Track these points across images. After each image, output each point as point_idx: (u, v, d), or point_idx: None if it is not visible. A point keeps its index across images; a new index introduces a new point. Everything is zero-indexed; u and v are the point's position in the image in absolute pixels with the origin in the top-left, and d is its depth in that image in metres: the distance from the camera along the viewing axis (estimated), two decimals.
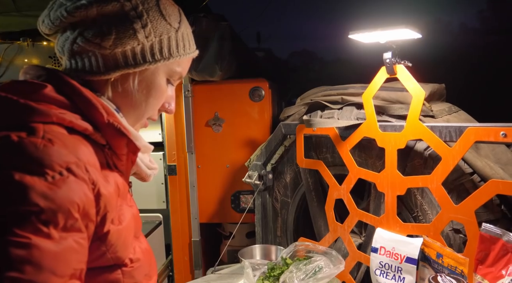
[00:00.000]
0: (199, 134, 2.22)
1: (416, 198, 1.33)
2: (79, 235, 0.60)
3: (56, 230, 0.56)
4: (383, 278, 1.28)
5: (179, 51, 0.76)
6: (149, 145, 0.85)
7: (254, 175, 1.85)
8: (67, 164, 0.59)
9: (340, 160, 1.58)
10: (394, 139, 1.28)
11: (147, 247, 0.82)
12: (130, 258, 0.72)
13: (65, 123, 0.64)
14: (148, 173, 0.84)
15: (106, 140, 0.70)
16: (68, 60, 0.72)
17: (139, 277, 0.75)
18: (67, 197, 0.58)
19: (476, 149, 1.31)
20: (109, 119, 0.68)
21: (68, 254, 0.58)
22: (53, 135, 0.61)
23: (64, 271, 0.57)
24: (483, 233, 1.08)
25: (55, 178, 0.57)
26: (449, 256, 1.14)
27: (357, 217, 1.43)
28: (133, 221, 0.76)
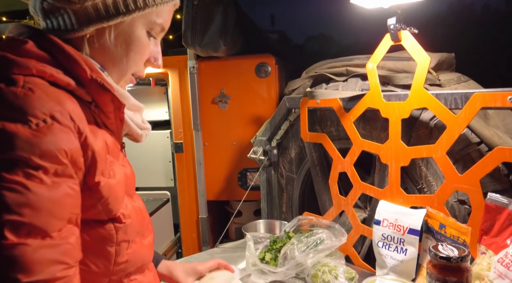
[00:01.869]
0: (205, 112, 2.21)
1: (421, 170, 1.30)
2: (71, 181, 0.61)
3: (47, 175, 0.57)
4: (385, 250, 1.26)
5: (155, 0, 0.72)
6: (140, 104, 0.84)
7: (259, 150, 1.84)
8: (51, 112, 0.59)
9: (345, 134, 1.54)
10: (398, 108, 1.24)
11: (140, 206, 0.82)
12: (123, 213, 0.72)
13: (46, 77, 0.63)
14: (139, 133, 0.84)
15: (91, 97, 0.69)
16: (43, 21, 0.72)
17: (132, 233, 0.75)
18: (53, 143, 0.58)
19: (485, 119, 1.26)
20: (92, 75, 0.67)
21: (63, 198, 0.59)
22: (34, 85, 0.60)
23: (62, 214, 0.59)
24: (488, 202, 1.04)
25: (39, 125, 0.57)
26: (452, 227, 1.11)
27: (361, 190, 1.40)
28: (125, 179, 0.76)
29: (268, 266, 1.32)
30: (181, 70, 2.21)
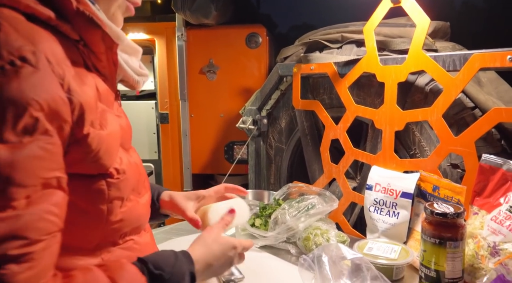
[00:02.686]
0: (193, 82, 2.16)
1: (415, 135, 1.30)
2: (45, 140, 0.51)
3: (13, 132, 0.48)
4: (377, 214, 1.25)
5: None
6: (137, 46, 0.78)
7: (248, 120, 1.81)
8: (20, 52, 0.50)
9: (337, 102, 1.53)
10: (395, 72, 1.23)
11: (136, 161, 0.77)
12: (116, 168, 0.67)
13: (20, 7, 0.54)
14: (136, 78, 0.77)
15: (78, 34, 0.61)
16: None
17: (126, 190, 0.70)
18: (22, 92, 0.49)
19: (479, 86, 1.26)
20: (79, 6, 0.58)
21: (30, 162, 0.50)
22: (2, 17, 0.51)
23: (28, 180, 0.50)
24: (482, 164, 1.04)
25: (4, 68, 0.48)
26: (446, 187, 1.11)
27: (353, 156, 1.40)
28: (120, 131, 0.70)
29: (259, 230, 1.30)
30: (168, 37, 2.14)
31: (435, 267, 0.96)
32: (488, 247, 0.95)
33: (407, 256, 1.07)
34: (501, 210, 0.97)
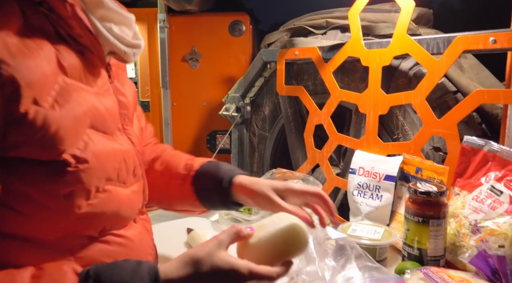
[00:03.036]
0: (175, 70, 2.12)
1: (398, 119, 1.31)
2: None
3: None
4: (360, 197, 1.26)
5: None
6: (128, 14, 0.69)
7: (231, 107, 1.79)
8: None
9: (322, 88, 1.53)
10: (380, 55, 1.23)
11: (121, 148, 0.68)
12: (74, 155, 0.58)
13: None
14: (124, 50, 0.68)
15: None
16: None
17: (94, 181, 0.61)
18: None
19: (461, 71, 1.28)
20: None
21: None
22: None
23: None
24: (464, 145, 1.05)
25: None
26: (429, 169, 1.12)
27: (337, 141, 1.40)
28: (93, 111, 0.62)
29: (242, 214, 1.28)
30: (150, 24, 2.10)
31: (418, 246, 0.97)
32: (470, 225, 0.96)
33: (390, 237, 1.07)
34: (482, 190, 0.98)
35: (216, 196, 0.92)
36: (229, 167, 0.93)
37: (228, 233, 0.65)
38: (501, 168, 0.97)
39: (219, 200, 0.93)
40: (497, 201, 0.94)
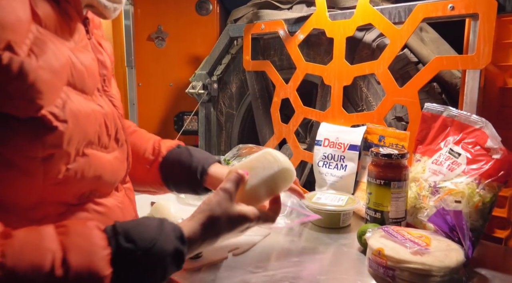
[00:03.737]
0: (140, 49, 2.06)
1: (362, 91, 1.32)
2: None
3: None
4: (326, 168, 1.26)
5: None
6: None
7: (198, 85, 1.76)
8: None
9: (288, 63, 1.53)
10: (343, 26, 1.23)
11: (101, 110, 0.65)
12: (53, 114, 0.54)
13: None
14: (104, 4, 0.64)
15: None
16: None
17: (74, 143, 0.58)
18: None
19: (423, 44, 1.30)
20: None
21: None
22: None
23: None
24: (425, 112, 1.07)
25: None
26: (391, 135, 1.14)
27: (303, 114, 1.40)
28: (71, 67, 0.59)
29: None
30: None
31: (380, 208, 0.99)
32: (429, 187, 0.98)
33: (353, 204, 1.09)
34: (441, 154, 1.01)
35: (186, 184, 0.94)
36: (201, 155, 0.94)
37: (233, 181, 0.71)
38: (459, 132, 0.99)
39: (189, 188, 0.95)
40: (455, 162, 0.96)
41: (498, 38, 1.03)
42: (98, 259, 0.51)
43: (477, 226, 0.89)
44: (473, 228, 0.88)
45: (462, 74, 1.07)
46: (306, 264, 0.87)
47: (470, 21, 1.03)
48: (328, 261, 0.90)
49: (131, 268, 0.53)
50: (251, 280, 0.79)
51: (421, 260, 0.74)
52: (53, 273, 0.47)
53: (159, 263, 0.56)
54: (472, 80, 1.03)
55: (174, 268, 0.59)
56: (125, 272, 0.53)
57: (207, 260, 0.86)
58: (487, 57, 0.98)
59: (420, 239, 0.80)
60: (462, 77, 1.07)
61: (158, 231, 0.57)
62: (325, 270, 0.84)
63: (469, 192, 0.88)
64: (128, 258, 0.53)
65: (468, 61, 1.01)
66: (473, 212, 0.88)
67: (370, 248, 0.82)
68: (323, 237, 1.02)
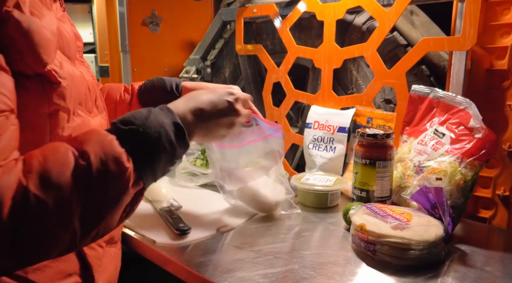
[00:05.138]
0: (134, 34, 2.06)
1: (352, 74, 1.33)
2: None
3: None
4: (315, 150, 1.28)
5: None
6: None
7: (192, 69, 1.77)
8: None
9: (280, 47, 1.53)
10: (334, 9, 1.24)
11: (84, 76, 0.69)
12: (55, 70, 0.58)
13: None
14: None
15: None
16: None
17: (71, 102, 0.62)
18: None
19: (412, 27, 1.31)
20: None
21: None
22: None
23: None
24: (412, 94, 1.09)
25: None
26: (378, 117, 1.16)
27: (294, 97, 1.41)
28: (58, 33, 0.62)
29: (199, 168, 1.29)
30: None
31: (366, 187, 1.01)
32: (414, 167, 1.00)
33: (341, 184, 1.11)
34: (427, 134, 1.02)
35: (166, 102, 0.96)
36: (171, 78, 1.00)
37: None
38: (445, 113, 1.01)
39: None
40: (439, 143, 0.98)
41: (485, 21, 1.04)
42: (108, 143, 0.53)
43: (459, 204, 0.91)
44: (454, 205, 0.90)
45: (449, 56, 1.08)
46: (292, 240, 0.89)
47: (457, 3, 1.04)
48: (314, 238, 0.92)
49: (138, 146, 0.55)
50: (238, 255, 0.82)
51: (401, 235, 0.76)
52: (78, 164, 0.49)
53: (161, 135, 0.57)
54: (459, 62, 1.05)
55: (180, 143, 0.60)
56: (135, 151, 0.55)
57: (196, 237, 0.89)
58: (473, 38, 0.99)
59: (401, 216, 0.83)
60: (449, 59, 1.08)
61: (148, 110, 0.59)
62: (310, 246, 0.86)
63: (451, 171, 0.90)
64: (131, 137, 0.55)
65: (454, 43, 1.02)
66: (454, 190, 0.90)
67: (353, 224, 0.84)
68: (310, 216, 1.04)
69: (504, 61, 1.03)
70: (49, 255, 0.50)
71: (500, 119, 1.03)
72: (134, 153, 0.54)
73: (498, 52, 1.04)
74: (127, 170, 0.53)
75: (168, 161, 0.60)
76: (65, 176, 0.48)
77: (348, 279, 0.73)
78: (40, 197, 0.45)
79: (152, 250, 0.86)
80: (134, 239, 0.90)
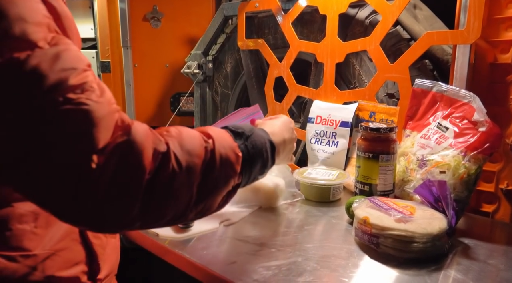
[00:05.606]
0: (136, 30, 2.05)
1: (355, 69, 1.33)
2: None
3: None
4: (318, 145, 1.28)
5: None
6: None
7: (193, 64, 1.76)
8: None
9: (282, 42, 1.53)
10: (336, 3, 1.24)
11: None
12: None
13: None
14: None
15: None
16: None
17: None
18: None
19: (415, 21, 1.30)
20: None
21: None
22: None
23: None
24: (415, 88, 1.09)
25: None
26: (381, 111, 1.15)
27: (296, 92, 1.41)
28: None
29: None
30: None
31: (368, 181, 1.01)
32: (417, 160, 1.00)
33: (343, 179, 1.10)
34: (430, 128, 1.02)
35: None
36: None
37: None
38: (448, 107, 1.01)
39: None
40: (442, 136, 0.97)
41: (489, 14, 1.03)
42: (225, 134, 0.63)
43: (462, 198, 0.90)
44: (458, 199, 0.90)
45: (453, 49, 1.07)
46: (295, 234, 0.89)
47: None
48: (317, 231, 0.92)
49: (246, 147, 0.65)
50: (241, 248, 0.82)
51: (404, 227, 0.76)
52: (205, 141, 0.58)
53: (264, 145, 0.69)
54: (462, 56, 1.04)
55: (272, 156, 0.72)
56: (244, 151, 0.64)
57: (199, 231, 0.88)
58: (477, 31, 0.98)
59: (405, 209, 0.82)
60: (453, 52, 1.07)
61: (249, 125, 0.71)
62: (312, 239, 0.86)
63: (454, 164, 0.90)
64: (242, 138, 0.66)
65: (458, 36, 1.02)
66: (458, 184, 0.90)
67: (356, 218, 0.84)
68: (313, 210, 1.04)
69: (508, 55, 1.02)
70: (165, 215, 0.53)
71: (504, 113, 1.03)
72: (243, 152, 0.64)
73: (502, 45, 1.04)
74: (239, 159, 0.62)
75: (261, 169, 0.70)
76: (196, 148, 0.55)
77: (351, 272, 0.73)
78: (177, 156, 0.52)
79: (155, 243, 0.86)
80: (137, 232, 0.90)
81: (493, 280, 0.72)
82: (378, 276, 0.72)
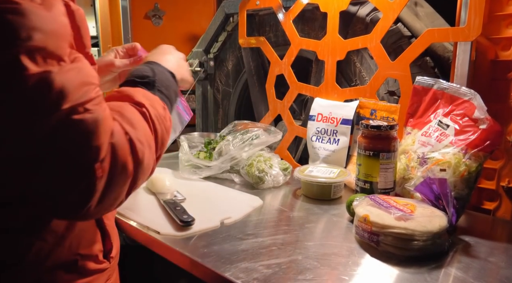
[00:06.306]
0: (137, 27, 2.06)
1: (355, 66, 1.32)
2: None
3: None
4: (319, 143, 1.28)
5: None
6: None
7: (195, 62, 1.76)
8: None
9: (283, 39, 1.53)
10: (337, 0, 1.23)
11: None
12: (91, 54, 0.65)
13: None
14: None
15: None
16: None
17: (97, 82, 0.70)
18: None
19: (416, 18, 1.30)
20: None
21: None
22: None
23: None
24: (416, 85, 1.08)
25: None
26: (382, 109, 1.15)
27: (297, 90, 1.41)
28: None
29: (202, 160, 1.29)
30: None
31: (369, 179, 1.01)
32: (418, 158, 1.00)
33: (344, 176, 1.11)
34: (431, 126, 1.02)
35: None
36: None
37: None
38: (449, 104, 1.00)
39: None
40: (443, 134, 0.97)
41: (490, 11, 1.03)
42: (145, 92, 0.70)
43: (463, 195, 0.90)
44: (459, 197, 0.90)
45: (454, 47, 1.07)
46: (295, 232, 0.89)
47: None
48: (317, 229, 0.92)
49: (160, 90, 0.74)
50: (241, 246, 0.82)
51: (404, 225, 0.76)
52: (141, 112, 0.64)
53: (169, 79, 0.78)
54: (463, 53, 1.04)
55: (176, 82, 0.81)
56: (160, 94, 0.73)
57: (199, 228, 0.89)
58: (478, 28, 0.98)
59: (405, 207, 0.83)
60: (454, 50, 1.07)
61: (149, 67, 0.77)
62: (313, 237, 0.87)
63: (455, 162, 0.90)
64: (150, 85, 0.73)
65: (459, 33, 1.01)
66: (459, 181, 0.90)
67: (356, 216, 0.84)
68: (314, 208, 1.04)
69: (509, 52, 1.02)
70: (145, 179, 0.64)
71: (504, 111, 1.02)
72: (163, 100, 0.73)
73: (503, 42, 1.03)
74: (166, 110, 0.71)
75: (175, 97, 0.79)
76: (141, 121, 0.62)
77: (351, 270, 0.73)
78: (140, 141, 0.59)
79: (156, 241, 0.86)
80: (138, 230, 0.91)
81: (493, 278, 0.72)
82: (378, 274, 0.72)
